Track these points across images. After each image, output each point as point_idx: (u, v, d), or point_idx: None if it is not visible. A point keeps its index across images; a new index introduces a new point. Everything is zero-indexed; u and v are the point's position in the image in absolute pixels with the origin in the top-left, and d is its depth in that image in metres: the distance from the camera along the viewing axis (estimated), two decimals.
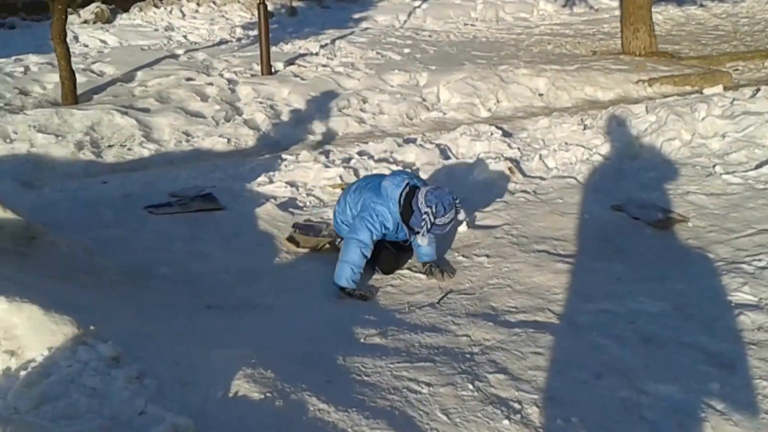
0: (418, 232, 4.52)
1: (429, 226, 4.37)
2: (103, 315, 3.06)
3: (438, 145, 7.27)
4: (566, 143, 6.94)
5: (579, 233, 5.11)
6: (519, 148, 7.10)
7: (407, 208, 4.47)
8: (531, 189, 6.05)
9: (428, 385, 3.22)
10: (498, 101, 9.64)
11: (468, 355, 3.53)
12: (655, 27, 12.76)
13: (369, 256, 4.56)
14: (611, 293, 4.19)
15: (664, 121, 6.76)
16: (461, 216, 4.73)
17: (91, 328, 2.78)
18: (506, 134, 7.60)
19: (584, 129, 7.30)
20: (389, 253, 4.83)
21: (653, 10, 12.72)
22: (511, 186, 6.15)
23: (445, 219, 4.38)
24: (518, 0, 18.33)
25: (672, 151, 6.47)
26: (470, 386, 3.21)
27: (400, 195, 4.50)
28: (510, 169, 6.41)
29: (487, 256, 4.87)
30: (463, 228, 5.22)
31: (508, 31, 15.33)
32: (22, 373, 2.56)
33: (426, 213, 4.34)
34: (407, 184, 4.53)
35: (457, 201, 4.46)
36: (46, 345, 2.65)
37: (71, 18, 10.65)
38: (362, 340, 3.75)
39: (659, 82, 10.30)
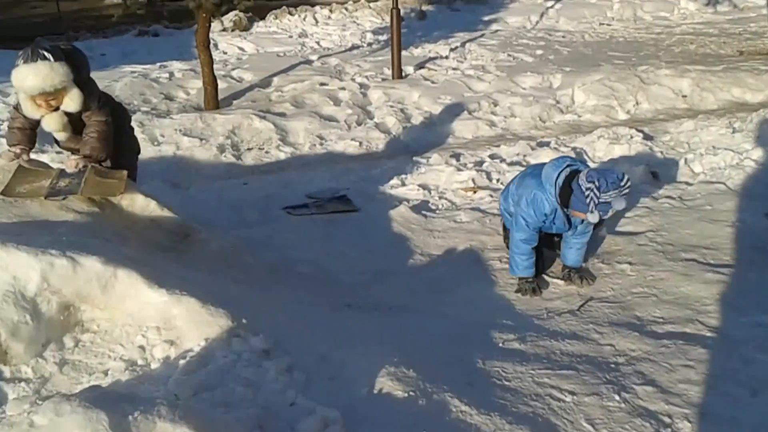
0: (571, 225, 4.48)
1: (596, 202, 4.11)
2: (253, 309, 3.17)
3: (573, 149, 7.11)
4: (714, 147, 6.61)
5: (730, 242, 4.85)
6: (662, 152, 6.86)
7: (566, 189, 4.27)
8: (676, 195, 5.81)
9: (572, 393, 3.14)
10: (637, 103, 9.31)
11: (613, 365, 3.42)
12: None
13: (535, 242, 4.53)
14: (767, 306, 3.94)
15: None
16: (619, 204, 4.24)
17: (244, 321, 2.88)
18: (647, 137, 7.35)
19: (733, 132, 6.92)
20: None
21: None
22: (654, 191, 5.93)
23: (609, 196, 4.10)
24: None
25: None
26: (617, 397, 3.11)
27: (558, 176, 4.31)
28: (653, 173, 6.19)
29: (630, 263, 4.70)
30: (602, 233, 5.08)
31: (647, 31, 14.74)
32: (181, 361, 2.68)
33: (589, 188, 4.11)
34: (568, 165, 4.35)
35: (626, 182, 4.16)
36: (203, 336, 2.77)
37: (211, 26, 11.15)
38: (501, 345, 3.71)
39: None
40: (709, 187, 5.86)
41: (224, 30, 15.70)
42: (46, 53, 3.85)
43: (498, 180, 6.50)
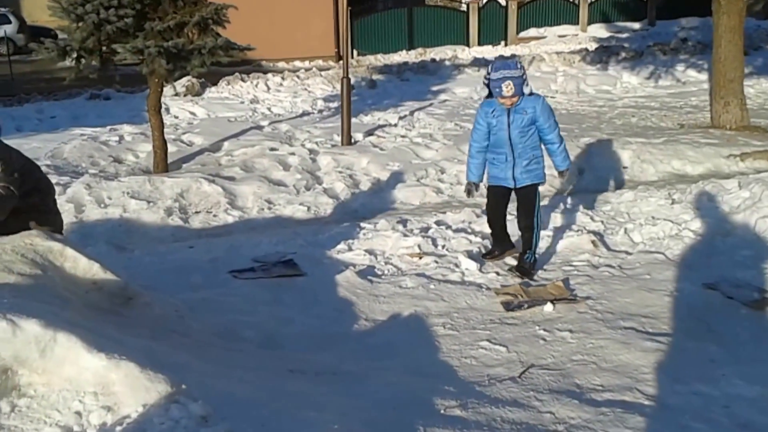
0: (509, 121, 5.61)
1: (487, 80, 5.50)
2: (194, 375, 3.14)
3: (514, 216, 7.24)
4: (653, 217, 6.82)
5: (669, 311, 4.98)
6: (602, 221, 7.01)
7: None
8: (616, 263, 5.96)
9: None
10: (579, 173, 9.57)
11: None
12: (747, 101, 12.27)
13: (484, 148, 5.82)
14: (704, 375, 4.05)
15: (758, 197, 6.49)
16: (527, 89, 5.59)
17: (183, 386, 2.84)
18: (588, 207, 7.53)
19: (672, 203, 7.15)
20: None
21: (745, 83, 12.29)
22: (594, 260, 6.07)
23: (497, 74, 5.38)
24: (600, 73, 18.24)
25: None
26: None
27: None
28: (593, 242, 6.34)
29: (570, 331, 4.77)
30: (548, 308, 5.17)
31: (589, 104, 15.16)
32: (118, 428, 2.63)
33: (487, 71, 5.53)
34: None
35: (516, 64, 5.50)
36: (141, 402, 2.73)
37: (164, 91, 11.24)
38: (442, 411, 3.70)
39: (752, 156, 9.89)
40: (648, 256, 6.04)
41: (176, 95, 15.78)
42: None
43: (443, 246, 6.57)
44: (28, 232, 3.84)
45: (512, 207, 6.06)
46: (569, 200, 7.71)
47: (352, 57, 19.16)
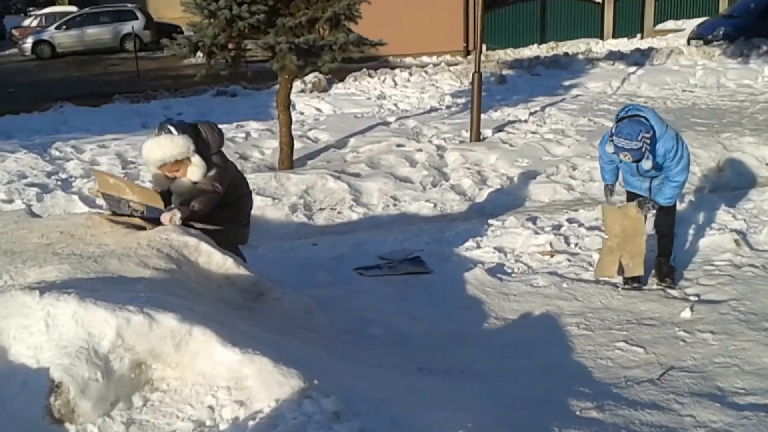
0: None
1: (609, 139, 5.10)
2: (324, 370, 3.12)
3: (653, 215, 6.91)
4: None
5: None
6: (745, 220, 6.68)
7: None
8: (759, 263, 5.68)
9: None
10: (720, 170, 9.04)
11: None
12: None
13: (613, 169, 5.51)
14: None
15: None
16: (647, 164, 4.99)
17: (315, 382, 2.83)
18: (730, 204, 7.15)
19: None
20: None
21: None
22: (737, 259, 5.79)
23: (618, 141, 4.91)
24: (741, 66, 17.25)
25: None
26: None
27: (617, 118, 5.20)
28: (736, 241, 6.06)
29: (712, 332, 4.58)
30: (686, 314, 4.90)
31: (730, 98, 14.33)
32: (250, 423, 2.64)
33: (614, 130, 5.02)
34: (627, 111, 5.15)
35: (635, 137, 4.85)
36: (273, 396, 2.73)
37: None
38: (578, 413, 3.61)
39: None
40: None
41: (303, 91, 15.98)
42: (170, 127, 4.22)
43: (576, 244, 6.37)
44: (164, 227, 3.96)
45: None
46: (710, 198, 7.30)
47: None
